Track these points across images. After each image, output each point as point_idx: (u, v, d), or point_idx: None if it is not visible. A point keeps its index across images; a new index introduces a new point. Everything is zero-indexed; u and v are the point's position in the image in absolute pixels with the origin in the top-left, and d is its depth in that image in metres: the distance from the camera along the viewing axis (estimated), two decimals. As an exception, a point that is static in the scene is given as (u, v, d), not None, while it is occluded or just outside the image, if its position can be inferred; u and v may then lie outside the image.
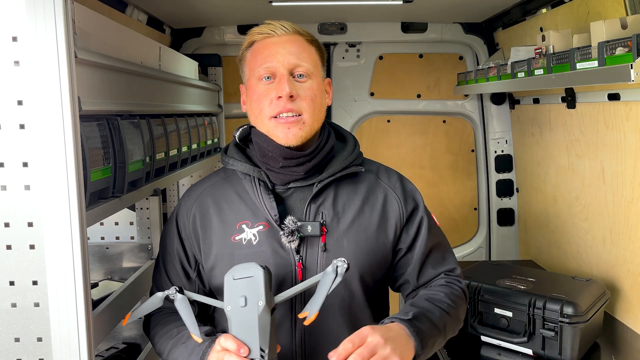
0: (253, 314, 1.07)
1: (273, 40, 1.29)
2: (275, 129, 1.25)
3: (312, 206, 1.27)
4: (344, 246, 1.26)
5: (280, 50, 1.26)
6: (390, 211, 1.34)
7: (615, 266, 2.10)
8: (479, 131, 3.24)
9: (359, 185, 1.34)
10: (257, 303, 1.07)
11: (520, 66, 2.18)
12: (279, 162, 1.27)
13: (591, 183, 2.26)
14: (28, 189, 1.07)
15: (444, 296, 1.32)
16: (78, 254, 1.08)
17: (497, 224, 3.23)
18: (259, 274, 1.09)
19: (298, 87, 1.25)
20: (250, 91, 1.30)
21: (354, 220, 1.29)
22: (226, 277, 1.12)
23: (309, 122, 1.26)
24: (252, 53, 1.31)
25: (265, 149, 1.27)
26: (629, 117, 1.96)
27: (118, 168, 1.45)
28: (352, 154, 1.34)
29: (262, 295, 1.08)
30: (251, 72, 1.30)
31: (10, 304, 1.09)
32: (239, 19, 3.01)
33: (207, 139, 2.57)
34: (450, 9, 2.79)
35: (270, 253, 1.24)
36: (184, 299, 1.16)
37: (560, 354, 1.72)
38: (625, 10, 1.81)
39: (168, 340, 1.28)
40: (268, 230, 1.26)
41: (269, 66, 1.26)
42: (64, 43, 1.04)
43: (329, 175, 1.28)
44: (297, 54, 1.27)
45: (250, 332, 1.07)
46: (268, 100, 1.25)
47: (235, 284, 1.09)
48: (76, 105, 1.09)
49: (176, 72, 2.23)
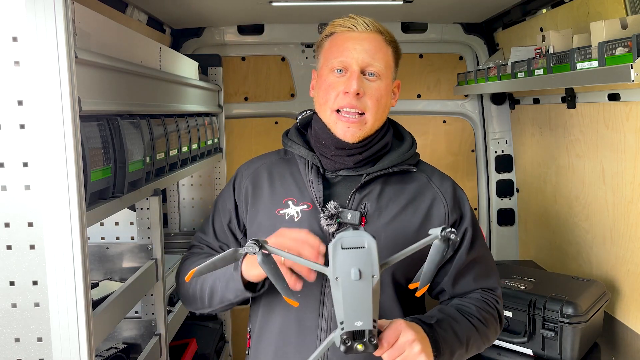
0: (367, 287, 1.01)
1: (352, 35, 1.31)
2: (336, 124, 1.29)
3: (356, 195, 1.29)
4: (381, 241, 1.23)
5: (357, 47, 1.28)
6: (435, 215, 1.33)
7: (615, 266, 2.10)
8: (479, 131, 3.24)
9: (408, 184, 1.35)
10: (371, 277, 1.01)
11: (520, 66, 2.18)
12: (331, 150, 1.31)
13: (591, 183, 2.26)
14: (28, 189, 1.07)
15: (475, 310, 1.31)
16: (78, 254, 1.08)
17: (497, 224, 3.23)
18: (373, 245, 1.02)
19: (366, 86, 1.27)
20: (321, 79, 1.33)
21: (395, 217, 1.30)
22: (333, 244, 1.02)
23: (371, 122, 1.29)
24: (330, 43, 1.33)
25: (320, 136, 1.32)
26: (629, 117, 1.96)
27: (118, 168, 1.45)
28: (407, 153, 1.36)
29: (376, 269, 1.01)
30: (325, 61, 1.32)
31: (10, 304, 1.09)
32: (239, 19, 3.01)
33: (207, 139, 2.57)
34: (450, 9, 2.79)
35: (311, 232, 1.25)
36: (270, 258, 1.04)
37: (560, 354, 1.72)
38: (625, 10, 1.82)
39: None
40: (311, 211, 1.29)
41: (342, 60, 1.28)
42: (64, 43, 1.04)
43: (379, 169, 1.31)
44: (372, 53, 1.29)
45: (364, 304, 1.01)
46: (335, 93, 1.28)
47: (346, 254, 1.01)
48: (76, 105, 1.09)
49: (176, 72, 2.23)
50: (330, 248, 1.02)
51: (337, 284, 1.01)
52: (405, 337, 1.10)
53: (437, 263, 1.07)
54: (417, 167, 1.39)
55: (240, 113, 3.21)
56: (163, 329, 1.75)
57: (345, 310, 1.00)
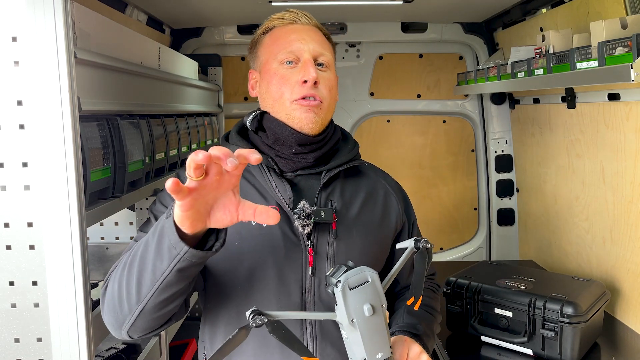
0: (381, 318, 1.02)
1: (296, 27, 1.30)
2: (296, 112, 1.24)
3: (322, 194, 1.28)
4: (353, 235, 1.27)
5: (305, 37, 1.28)
6: (391, 208, 1.37)
7: (615, 266, 2.10)
8: (479, 131, 3.24)
9: (361, 179, 1.37)
10: (381, 307, 1.02)
11: (520, 66, 2.18)
12: (292, 149, 1.27)
13: (591, 183, 2.26)
14: (28, 189, 1.07)
15: (433, 302, 1.43)
16: (78, 254, 1.08)
17: (497, 224, 3.23)
18: (375, 276, 1.03)
19: (319, 75, 1.26)
20: (269, 74, 1.28)
21: (361, 211, 1.31)
22: (341, 289, 1.00)
23: (325, 110, 1.28)
24: (272, 38, 1.31)
25: (279, 134, 1.26)
26: (629, 117, 1.96)
27: (118, 168, 1.45)
28: (353, 150, 1.37)
29: (383, 298, 1.03)
30: (271, 55, 1.29)
31: (10, 304, 1.09)
32: (239, 19, 3.01)
33: (207, 139, 2.57)
34: (450, 9, 2.79)
35: (281, 236, 1.22)
36: (280, 324, 0.96)
37: (560, 354, 1.72)
38: (625, 10, 1.81)
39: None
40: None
41: (293, 50, 1.26)
42: (64, 43, 1.04)
43: (337, 165, 1.30)
44: (320, 43, 1.29)
45: (381, 336, 1.02)
46: (290, 84, 1.25)
47: (354, 294, 1.01)
48: (76, 106, 1.09)
49: (176, 72, 2.23)
50: (338, 293, 1.00)
51: (354, 325, 1.00)
52: (413, 351, 1.18)
53: (423, 274, 1.10)
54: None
55: (240, 113, 3.21)
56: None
57: (366, 347, 1.01)
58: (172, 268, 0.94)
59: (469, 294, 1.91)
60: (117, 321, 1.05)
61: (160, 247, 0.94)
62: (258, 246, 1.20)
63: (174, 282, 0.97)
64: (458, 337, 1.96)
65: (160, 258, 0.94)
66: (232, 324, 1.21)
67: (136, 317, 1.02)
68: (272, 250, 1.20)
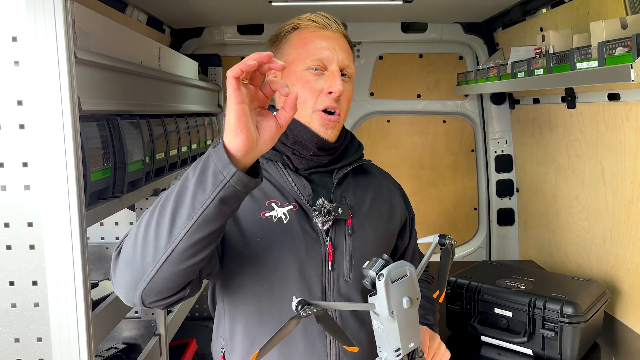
0: (415, 311, 1.09)
1: (327, 34, 1.30)
2: (315, 122, 1.26)
3: (337, 191, 1.31)
4: (366, 229, 1.31)
5: (335, 47, 1.28)
6: (395, 204, 1.42)
7: (615, 266, 2.10)
8: (479, 131, 3.24)
9: (368, 177, 1.41)
10: (416, 299, 1.08)
11: (520, 66, 2.18)
12: (311, 151, 1.28)
13: (591, 183, 2.26)
14: (28, 189, 1.07)
15: (429, 292, 1.49)
16: (78, 254, 1.08)
17: (497, 224, 3.23)
18: (413, 271, 1.08)
19: (343, 87, 1.27)
20: (294, 76, 1.27)
21: (371, 208, 1.35)
22: (385, 282, 1.04)
23: (341, 121, 1.31)
24: (300, 38, 1.30)
25: (301, 136, 1.27)
26: (629, 117, 1.96)
27: (118, 168, 1.45)
28: (359, 150, 1.41)
29: (418, 291, 1.09)
30: (298, 57, 1.28)
31: (10, 304, 1.09)
32: (239, 19, 3.01)
33: (207, 139, 2.57)
34: (450, 9, 2.79)
35: (302, 233, 1.24)
36: (326, 314, 0.99)
37: (560, 354, 1.72)
38: (625, 10, 1.81)
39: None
40: (298, 211, 1.26)
41: (322, 58, 1.26)
42: (64, 43, 1.04)
43: (347, 163, 1.34)
44: (347, 54, 1.30)
45: (414, 327, 1.09)
46: (315, 92, 1.26)
47: (396, 287, 1.06)
48: (76, 106, 1.09)
49: (176, 72, 2.23)
50: (381, 286, 1.04)
51: (393, 316, 1.05)
52: (435, 340, 1.29)
53: (447, 269, 1.20)
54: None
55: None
56: (163, 329, 1.75)
57: (401, 337, 1.07)
58: (215, 196, 0.90)
59: (468, 293, 1.92)
60: (133, 277, 0.97)
61: (203, 177, 0.90)
62: (279, 243, 1.22)
63: (211, 218, 0.92)
64: (458, 337, 1.96)
65: (202, 188, 0.90)
66: (252, 319, 1.23)
67: (159, 266, 0.95)
68: (292, 246, 1.22)
